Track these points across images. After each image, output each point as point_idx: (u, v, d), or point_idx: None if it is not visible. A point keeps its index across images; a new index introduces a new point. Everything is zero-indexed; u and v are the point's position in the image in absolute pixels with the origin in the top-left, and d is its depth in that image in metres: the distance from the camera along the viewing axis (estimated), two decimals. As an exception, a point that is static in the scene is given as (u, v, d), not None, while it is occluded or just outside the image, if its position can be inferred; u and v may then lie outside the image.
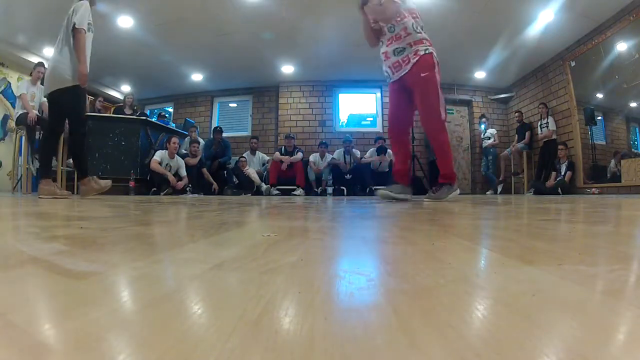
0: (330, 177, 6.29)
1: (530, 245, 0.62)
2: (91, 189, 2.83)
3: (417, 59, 2.48)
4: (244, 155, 6.41)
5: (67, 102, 2.74)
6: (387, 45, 2.58)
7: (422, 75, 2.49)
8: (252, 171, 6.11)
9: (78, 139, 2.88)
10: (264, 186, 6.08)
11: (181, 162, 5.37)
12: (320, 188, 6.20)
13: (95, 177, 2.93)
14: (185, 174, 5.35)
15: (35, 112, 4.54)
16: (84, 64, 2.72)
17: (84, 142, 2.91)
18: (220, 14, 5.09)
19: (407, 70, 2.51)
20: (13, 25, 5.09)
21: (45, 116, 4.70)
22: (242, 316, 0.26)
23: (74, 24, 2.66)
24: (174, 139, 5.30)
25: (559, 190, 5.42)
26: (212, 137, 6.60)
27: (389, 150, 6.05)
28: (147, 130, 5.44)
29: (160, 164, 5.07)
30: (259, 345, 0.21)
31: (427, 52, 2.51)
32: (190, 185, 5.42)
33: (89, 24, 2.73)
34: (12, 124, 5.66)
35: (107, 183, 2.95)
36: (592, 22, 5.03)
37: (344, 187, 6.12)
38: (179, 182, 5.18)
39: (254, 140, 6.70)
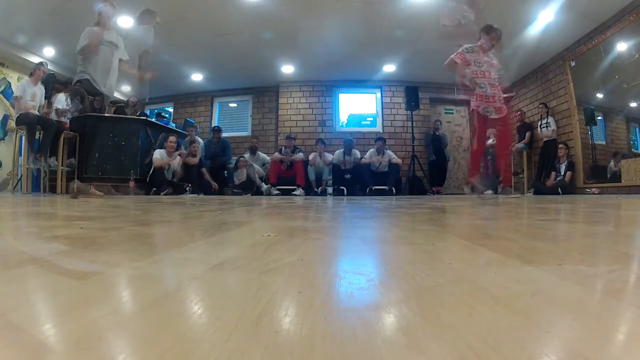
0: (330, 177, 6.29)
1: (530, 245, 0.62)
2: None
3: (506, 109, 3.61)
4: (244, 155, 6.42)
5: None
6: (493, 89, 3.46)
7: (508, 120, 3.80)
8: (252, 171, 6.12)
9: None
10: (264, 186, 6.08)
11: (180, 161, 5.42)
12: (320, 188, 6.20)
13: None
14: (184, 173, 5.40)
15: (35, 112, 4.53)
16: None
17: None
18: (220, 14, 5.08)
19: (502, 115, 3.55)
20: (13, 25, 5.08)
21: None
22: (242, 316, 0.26)
23: (149, 49, 3.43)
24: (171, 138, 5.33)
25: (559, 190, 5.42)
26: (211, 137, 6.61)
27: (387, 151, 6.14)
28: (147, 130, 5.44)
29: (160, 162, 5.14)
30: (259, 345, 0.21)
31: None
32: (190, 185, 5.42)
33: None
34: (12, 124, 5.66)
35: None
36: (592, 22, 5.02)
37: (344, 187, 6.12)
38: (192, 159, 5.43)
39: (254, 140, 6.70)
